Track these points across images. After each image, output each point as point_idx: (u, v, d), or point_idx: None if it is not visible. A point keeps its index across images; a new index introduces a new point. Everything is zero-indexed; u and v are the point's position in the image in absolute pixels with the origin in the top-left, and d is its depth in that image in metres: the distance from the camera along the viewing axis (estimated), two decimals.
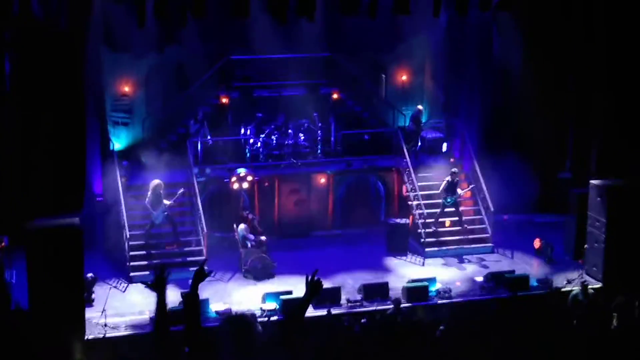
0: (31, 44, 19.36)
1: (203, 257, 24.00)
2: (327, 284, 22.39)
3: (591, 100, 25.72)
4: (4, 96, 20.18)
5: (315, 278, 9.57)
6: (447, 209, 25.90)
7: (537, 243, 25.38)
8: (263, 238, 24.47)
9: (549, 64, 26.88)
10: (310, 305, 9.82)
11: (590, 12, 24.47)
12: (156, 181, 24.26)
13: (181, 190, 24.57)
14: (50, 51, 19.28)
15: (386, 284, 22.67)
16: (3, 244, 20.97)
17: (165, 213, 24.22)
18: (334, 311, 21.15)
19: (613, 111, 23.70)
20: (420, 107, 28.15)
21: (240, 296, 22.59)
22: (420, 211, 26.07)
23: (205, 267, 10.25)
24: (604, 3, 22.73)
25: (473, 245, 25.91)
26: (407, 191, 26.73)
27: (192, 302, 9.97)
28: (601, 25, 23.35)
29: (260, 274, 23.76)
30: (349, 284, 23.03)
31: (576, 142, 27.49)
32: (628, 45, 22.78)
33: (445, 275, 23.95)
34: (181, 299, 21.30)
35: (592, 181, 23.97)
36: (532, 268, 24.49)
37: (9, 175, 20.52)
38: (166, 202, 24.12)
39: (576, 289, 22.11)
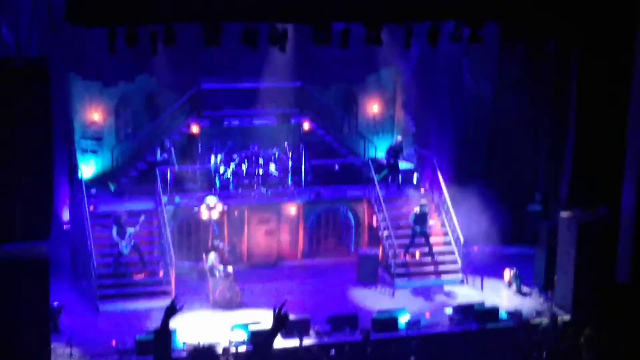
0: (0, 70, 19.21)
1: (170, 286, 23.84)
2: (296, 315, 22.39)
3: (561, 132, 25.81)
4: None
5: (283, 310, 9.47)
6: (416, 240, 25.88)
7: (506, 274, 25.38)
8: (230, 269, 24.28)
9: (520, 96, 27.03)
10: (280, 336, 9.74)
11: (563, 46, 24.62)
12: (117, 213, 24.24)
13: (142, 217, 24.41)
14: (20, 77, 19.12)
15: (356, 314, 22.56)
16: None
17: (132, 242, 24.05)
18: (303, 342, 21.04)
19: (584, 144, 23.78)
20: (399, 137, 28.22)
21: (208, 326, 22.38)
22: (390, 242, 26.02)
23: (176, 303, 10.14)
24: (578, 38, 22.91)
25: (443, 277, 25.90)
26: (377, 222, 26.69)
27: (164, 338, 9.82)
28: (575, 59, 23.53)
29: (228, 304, 23.59)
30: (318, 315, 22.89)
31: (546, 174, 27.61)
32: (599, 76, 22.94)
33: (414, 306, 23.86)
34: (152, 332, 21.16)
35: (562, 213, 24.03)
36: (501, 300, 24.46)
37: None
38: (130, 229, 23.96)
39: (545, 320, 22.09)
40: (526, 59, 26.70)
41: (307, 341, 21.35)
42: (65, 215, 25.97)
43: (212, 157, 27.03)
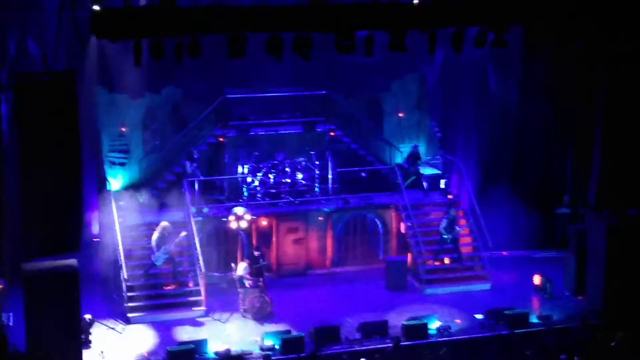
0: (28, 85, 19.38)
1: (200, 296, 23.92)
2: (325, 323, 22.43)
3: (590, 134, 25.73)
4: (0, 137, 20.16)
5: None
6: (446, 246, 25.85)
7: (536, 279, 25.26)
8: (260, 280, 24.30)
9: (546, 99, 26.93)
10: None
11: (590, 47, 24.51)
12: (165, 223, 24.34)
13: (184, 233, 24.53)
14: (47, 92, 19.29)
15: (385, 322, 22.54)
16: (0, 286, 20.85)
17: (167, 255, 24.14)
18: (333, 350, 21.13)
19: (612, 146, 23.68)
20: (416, 144, 28.27)
21: (238, 336, 22.42)
22: (419, 248, 25.98)
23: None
24: (605, 40, 22.82)
25: (472, 282, 25.80)
26: (405, 228, 26.64)
27: None
28: (602, 61, 23.43)
29: (258, 313, 23.63)
30: (348, 323, 22.88)
31: (574, 177, 27.50)
32: (627, 79, 22.87)
33: (444, 312, 23.80)
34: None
35: (591, 216, 23.92)
36: (532, 305, 24.35)
37: (5, 217, 20.46)
38: (169, 246, 24.06)
39: (576, 325, 21.97)
40: (551, 62, 26.59)
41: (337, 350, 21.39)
42: (95, 227, 26.11)
43: (239, 167, 27.10)
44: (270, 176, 26.94)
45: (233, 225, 25.48)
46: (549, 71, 26.73)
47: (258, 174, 26.88)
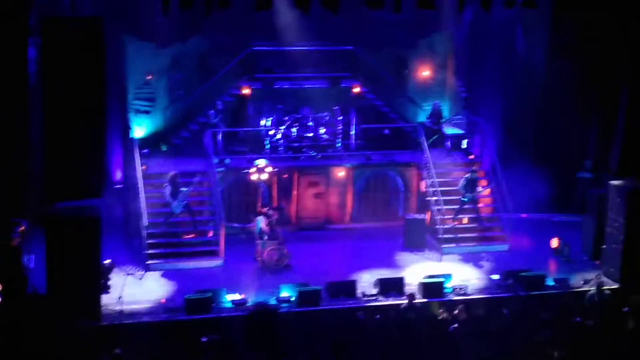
0: (55, 30, 19.42)
1: (219, 246, 24.10)
2: (343, 278, 22.59)
3: (615, 100, 25.62)
4: (27, 80, 20.27)
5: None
6: (465, 206, 25.90)
7: (554, 242, 25.30)
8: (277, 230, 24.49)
9: (572, 63, 26.78)
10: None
11: (619, 14, 24.33)
12: (172, 172, 24.42)
13: (197, 179, 24.65)
14: (74, 37, 19.34)
15: (402, 278, 22.67)
16: (22, 228, 21.09)
17: (185, 202, 24.30)
18: (349, 305, 21.31)
19: (636, 112, 23.57)
20: (438, 102, 28.27)
21: (255, 287, 22.62)
22: (439, 207, 26.05)
23: None
24: (635, 7, 22.64)
25: (490, 243, 25.86)
26: (426, 187, 26.69)
27: None
28: (630, 23, 23.21)
29: (276, 265, 23.81)
30: (365, 278, 23.04)
31: (597, 142, 27.43)
32: None
33: (461, 272, 23.91)
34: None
35: (612, 181, 23.89)
36: (549, 267, 24.40)
37: (29, 160, 20.65)
38: (183, 189, 24.18)
39: (593, 289, 22.05)
40: (579, 26, 26.41)
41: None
42: (118, 174, 26.30)
43: (263, 120, 27.16)
44: (293, 130, 27.00)
45: (254, 177, 25.61)
46: (577, 34, 26.53)
47: (281, 127, 26.94)
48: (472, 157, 27.57)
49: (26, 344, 17.95)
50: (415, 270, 23.78)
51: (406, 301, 21.14)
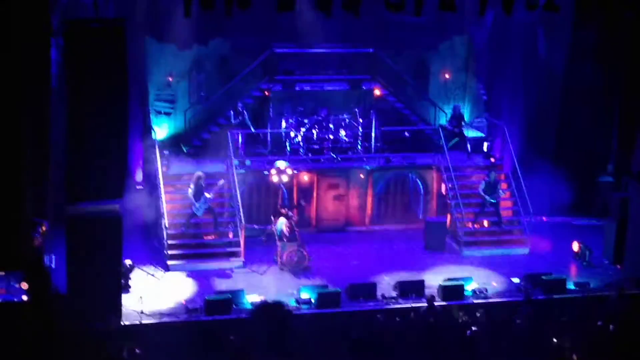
0: (78, 31, 19.52)
1: (239, 248, 24.14)
2: (362, 280, 22.58)
3: (638, 102, 25.52)
4: (49, 82, 20.38)
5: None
6: (485, 209, 25.84)
7: (575, 246, 25.21)
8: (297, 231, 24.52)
9: (594, 66, 26.69)
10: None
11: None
12: (198, 173, 24.45)
13: (221, 182, 24.70)
14: (97, 39, 19.43)
15: (422, 281, 22.65)
16: (44, 228, 21.19)
17: (207, 205, 24.35)
18: (368, 307, 21.30)
19: None
20: (458, 105, 28.24)
21: (275, 288, 22.64)
22: (459, 210, 26.00)
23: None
24: None
25: (511, 246, 25.80)
26: (446, 189, 26.65)
27: None
28: None
29: (296, 267, 23.83)
30: (384, 280, 23.02)
31: (619, 145, 27.31)
32: None
33: (481, 275, 23.85)
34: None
35: (635, 185, 23.77)
36: (569, 271, 24.32)
37: (52, 161, 20.77)
38: (207, 195, 24.23)
39: (613, 293, 21.94)
40: (601, 29, 26.32)
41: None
42: (139, 175, 26.38)
43: (283, 122, 27.20)
44: (314, 132, 27.02)
45: (274, 178, 25.64)
46: (599, 37, 26.45)
47: (302, 129, 26.97)
48: (492, 160, 27.50)
49: (48, 343, 18.02)
50: (435, 273, 23.73)
51: (426, 304, 21.10)
